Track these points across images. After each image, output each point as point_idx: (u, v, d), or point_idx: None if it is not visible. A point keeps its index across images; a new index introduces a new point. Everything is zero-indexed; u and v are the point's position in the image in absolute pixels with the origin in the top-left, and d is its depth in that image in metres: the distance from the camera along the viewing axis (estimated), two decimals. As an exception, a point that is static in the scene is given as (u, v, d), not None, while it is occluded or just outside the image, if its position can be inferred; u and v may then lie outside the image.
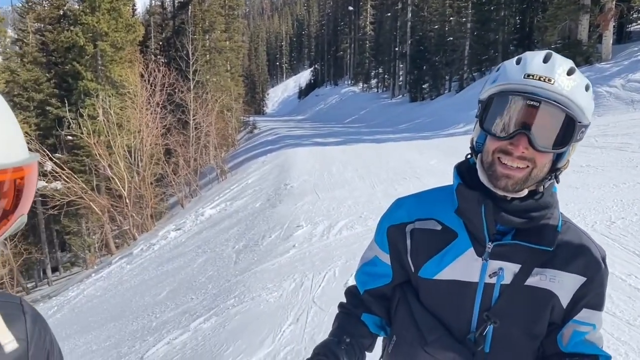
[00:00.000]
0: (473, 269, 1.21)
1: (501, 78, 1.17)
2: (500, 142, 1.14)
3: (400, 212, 1.36)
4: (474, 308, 1.22)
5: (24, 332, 0.82)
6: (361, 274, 1.47)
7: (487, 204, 1.16)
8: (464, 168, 1.29)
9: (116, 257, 14.18)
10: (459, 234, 1.24)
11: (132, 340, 6.01)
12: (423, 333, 1.26)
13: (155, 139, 20.53)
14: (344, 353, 1.32)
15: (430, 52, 37.52)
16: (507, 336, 1.22)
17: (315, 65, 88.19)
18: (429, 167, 11.02)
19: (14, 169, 0.65)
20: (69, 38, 23.74)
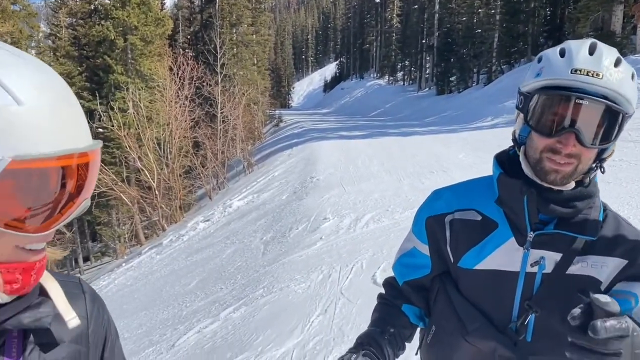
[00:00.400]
0: (514, 258, 1.22)
1: (546, 72, 1.14)
2: (548, 140, 1.13)
3: (439, 203, 1.36)
4: (515, 297, 1.22)
5: (84, 310, 0.87)
6: (399, 266, 1.48)
7: (530, 194, 1.16)
8: (504, 158, 1.28)
9: (146, 248, 14.50)
10: (499, 223, 1.24)
11: (163, 329, 6.17)
12: (464, 322, 1.26)
13: (184, 131, 20.83)
14: (387, 343, 1.33)
15: (457, 44, 37.05)
16: (549, 325, 1.21)
17: (341, 58, 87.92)
18: (457, 161, 10.93)
19: (80, 154, 0.69)
20: (100, 32, 24.21)
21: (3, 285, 0.69)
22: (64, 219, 0.71)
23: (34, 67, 0.68)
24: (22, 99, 0.64)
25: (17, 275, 0.70)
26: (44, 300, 0.77)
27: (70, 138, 0.68)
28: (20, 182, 0.65)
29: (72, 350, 0.82)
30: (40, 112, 0.65)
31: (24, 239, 0.68)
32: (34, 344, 0.77)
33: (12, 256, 0.69)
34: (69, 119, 0.69)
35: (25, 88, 0.64)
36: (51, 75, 0.70)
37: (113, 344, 0.93)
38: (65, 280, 0.85)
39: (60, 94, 0.69)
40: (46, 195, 0.68)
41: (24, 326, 0.73)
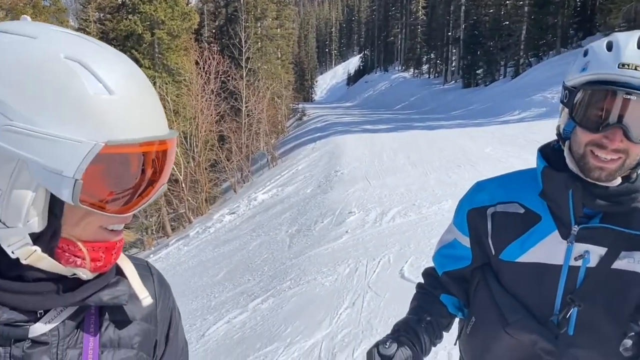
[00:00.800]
0: (557, 251, 1.21)
1: (592, 66, 1.13)
2: (593, 136, 1.12)
3: (482, 196, 1.36)
4: (557, 291, 1.22)
5: (153, 291, 0.91)
6: (440, 256, 1.49)
7: (576, 187, 1.15)
8: (548, 150, 1.28)
9: (173, 239, 14.75)
10: (542, 216, 1.24)
11: (193, 319, 6.28)
12: (504, 314, 1.26)
13: (210, 125, 21.04)
14: (424, 330, 1.35)
15: (484, 36, 36.52)
16: (591, 320, 1.21)
17: (365, 51, 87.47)
18: (484, 155, 10.81)
19: (159, 141, 0.74)
20: (127, 26, 24.53)
21: (90, 262, 0.74)
22: (144, 202, 0.76)
23: (119, 59, 0.73)
24: (112, 88, 0.68)
25: (101, 254, 0.75)
26: (120, 280, 0.82)
27: (152, 126, 0.73)
28: (109, 165, 0.70)
29: (143, 328, 0.87)
30: (127, 100, 0.70)
31: (107, 219, 0.73)
32: (109, 321, 0.83)
33: (96, 235, 0.74)
34: (151, 107, 0.74)
35: (114, 78, 0.69)
36: (134, 67, 0.75)
37: (177, 324, 0.98)
38: (136, 263, 0.90)
39: (144, 84, 0.74)
40: (129, 179, 0.73)
41: (103, 303, 0.78)
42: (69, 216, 0.71)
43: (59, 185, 0.66)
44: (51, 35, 0.70)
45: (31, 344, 0.73)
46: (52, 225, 0.70)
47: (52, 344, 0.75)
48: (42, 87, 0.65)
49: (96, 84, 0.67)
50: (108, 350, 0.81)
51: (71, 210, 0.70)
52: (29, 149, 0.64)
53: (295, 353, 4.07)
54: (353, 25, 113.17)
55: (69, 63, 0.67)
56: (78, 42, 0.71)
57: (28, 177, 0.66)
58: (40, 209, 0.68)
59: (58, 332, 0.76)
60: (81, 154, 0.65)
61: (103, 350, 0.80)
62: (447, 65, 46.44)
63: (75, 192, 0.66)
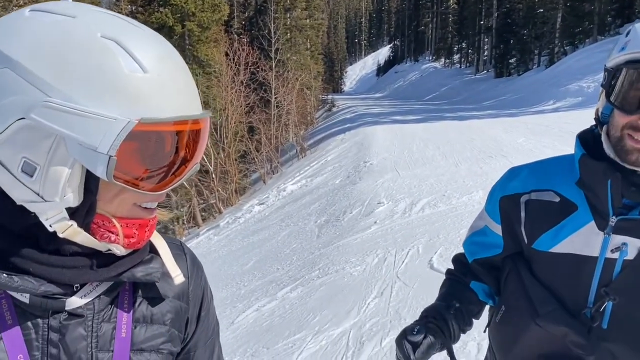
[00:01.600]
0: (593, 243, 1.17)
1: (632, 45, 1.09)
2: (630, 117, 1.07)
3: (515, 183, 1.32)
4: (591, 283, 1.18)
5: (185, 270, 0.93)
6: (470, 244, 1.47)
7: (615, 177, 1.11)
8: (588, 137, 1.23)
9: (204, 229, 14.98)
10: (579, 206, 1.20)
11: (223, 307, 6.38)
12: (535, 305, 1.23)
13: (239, 116, 21.23)
14: (452, 317, 1.33)
15: (518, 25, 35.60)
16: (626, 313, 1.16)
17: (395, 41, 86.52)
18: (516, 146, 10.60)
19: (193, 121, 0.75)
20: (159, 19, 24.86)
21: (123, 238, 0.76)
22: (177, 181, 0.77)
23: (154, 38, 0.74)
24: (147, 67, 0.69)
25: (134, 231, 0.77)
26: (153, 257, 0.84)
27: (186, 105, 0.74)
28: (143, 143, 0.71)
29: (175, 306, 0.89)
30: (162, 79, 0.71)
31: (141, 196, 0.75)
32: (143, 297, 0.85)
33: (130, 212, 0.76)
34: (185, 87, 0.75)
35: (149, 57, 0.70)
36: (169, 47, 0.76)
37: (209, 304, 1.00)
38: (169, 242, 0.92)
39: (178, 64, 0.75)
40: (162, 157, 0.75)
41: (137, 279, 0.80)
42: (103, 192, 0.73)
43: (94, 161, 0.67)
44: (89, 15, 0.71)
45: (67, 316, 0.76)
46: (87, 200, 0.72)
47: (88, 317, 0.77)
48: (79, 64, 0.67)
49: (131, 62, 0.68)
50: (141, 326, 0.83)
51: (106, 187, 0.72)
52: (66, 125, 0.66)
53: (324, 341, 4.09)
54: (383, 15, 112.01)
55: (105, 41, 0.68)
56: (115, 22, 0.72)
57: (65, 153, 0.67)
58: (76, 184, 0.70)
59: (93, 306, 0.78)
60: (115, 131, 0.66)
61: (136, 326, 0.83)
62: (479, 55, 45.52)
63: (109, 169, 0.67)
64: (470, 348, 3.34)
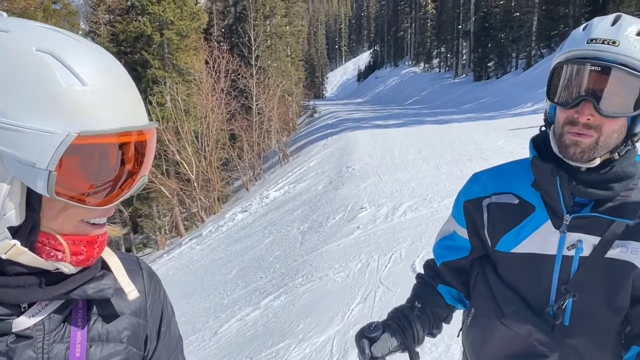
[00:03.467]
0: (551, 241, 1.20)
1: (566, 46, 1.15)
2: (567, 112, 1.12)
3: (477, 187, 1.36)
4: (552, 281, 1.21)
5: (142, 286, 0.91)
6: (439, 248, 1.49)
7: (561, 176, 1.15)
8: (539, 140, 1.27)
9: (186, 239, 14.83)
10: (536, 207, 1.24)
11: (206, 317, 6.31)
12: (500, 305, 1.26)
13: (221, 124, 21.13)
14: (416, 318, 1.35)
15: (495, 29, 36.10)
16: (587, 309, 1.20)
17: (375, 46, 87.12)
18: (496, 148, 10.71)
19: (138, 132, 0.73)
20: (137, 28, 24.71)
21: (70, 256, 0.73)
22: (124, 194, 0.75)
23: (94, 50, 0.73)
24: (86, 80, 0.68)
25: (82, 248, 0.74)
26: (106, 274, 0.81)
27: (128, 117, 0.72)
28: (85, 157, 0.70)
29: (132, 323, 0.87)
30: (101, 92, 0.69)
31: (87, 212, 0.73)
32: (97, 315, 0.82)
33: (77, 229, 0.74)
34: (127, 99, 0.73)
35: (88, 70, 0.69)
36: (110, 58, 0.75)
37: (169, 319, 0.97)
38: (124, 258, 0.90)
39: (119, 76, 0.74)
40: (107, 171, 0.73)
41: (89, 296, 0.77)
42: (47, 209, 0.70)
43: (33, 177, 0.65)
44: (24, 28, 0.69)
45: (15, 338, 0.72)
46: (30, 218, 0.69)
47: (37, 338, 0.74)
48: (14, 79, 0.65)
49: (69, 75, 0.67)
50: (96, 345, 0.80)
51: (50, 204, 0.70)
52: (2, 141, 0.64)
53: (307, 349, 4.06)
54: (362, 21, 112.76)
55: (41, 55, 0.67)
56: (52, 35, 0.70)
57: (2, 169, 0.66)
58: (17, 202, 0.68)
59: (43, 326, 0.75)
60: (54, 145, 0.65)
61: (91, 345, 0.80)
62: (458, 59, 46.04)
63: (50, 184, 0.66)
64: (454, 351, 3.34)
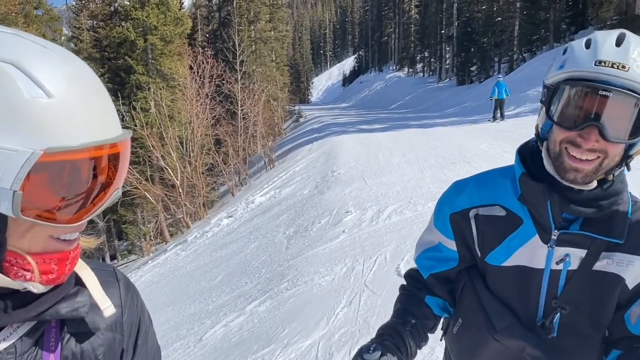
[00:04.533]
0: (539, 255, 1.20)
1: (570, 64, 1.10)
2: (568, 133, 1.08)
3: (462, 198, 1.33)
4: (540, 295, 1.21)
5: (118, 298, 0.87)
6: (425, 259, 1.45)
7: (553, 198, 1.14)
8: (527, 153, 1.25)
9: (171, 245, 14.71)
10: (524, 220, 1.22)
11: (191, 323, 6.26)
12: (492, 320, 1.25)
13: (205, 129, 21.04)
14: (409, 334, 1.32)
15: (477, 33, 36.54)
16: (573, 322, 1.20)
17: (359, 51, 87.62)
18: (479, 152, 10.80)
19: (110, 145, 0.68)
20: (120, 33, 24.57)
21: (39, 275, 0.68)
22: (97, 209, 0.71)
23: (62, 57, 0.67)
24: (51, 91, 0.63)
25: (53, 266, 0.70)
26: (80, 290, 0.77)
27: (100, 129, 0.67)
28: (53, 174, 0.65)
29: (107, 338, 0.83)
30: (70, 104, 0.64)
31: (57, 229, 0.69)
32: (71, 333, 0.78)
33: (46, 247, 0.69)
34: (98, 109, 0.68)
35: (54, 80, 0.64)
36: (79, 66, 0.69)
37: (147, 331, 0.94)
38: (100, 269, 0.86)
39: (90, 85, 0.69)
40: (78, 186, 0.68)
41: (62, 316, 0.73)
42: (13, 228, 0.66)
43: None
44: None
45: None
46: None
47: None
48: None
49: (33, 86, 0.62)
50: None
51: (16, 222, 0.65)
52: None
53: (293, 354, 4.05)
54: (347, 26, 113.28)
55: (1, 65, 0.62)
56: (15, 42, 0.65)
57: None
58: None
59: (15, 350, 0.71)
60: (17, 164, 0.61)
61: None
62: (441, 63, 46.47)
63: (14, 205, 0.62)
64: (438, 354, 3.36)
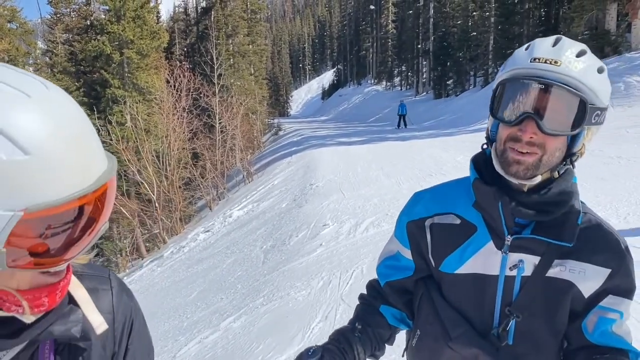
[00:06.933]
0: (493, 262, 1.20)
1: (509, 64, 1.17)
2: (510, 129, 1.13)
3: (419, 207, 1.35)
4: (495, 302, 1.21)
5: (110, 306, 0.86)
6: (383, 267, 1.46)
7: (504, 201, 1.15)
8: (480, 160, 1.27)
9: (147, 261, 14.46)
10: (478, 227, 1.23)
11: (165, 340, 6.12)
12: (447, 328, 1.24)
13: (183, 143, 20.85)
14: (357, 340, 1.31)
15: (453, 48, 37.12)
16: (529, 329, 1.20)
17: (338, 65, 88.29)
18: (455, 164, 10.91)
19: (94, 191, 0.65)
20: (96, 47, 24.34)
21: (30, 309, 0.67)
22: (85, 245, 0.68)
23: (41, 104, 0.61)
24: (28, 148, 0.58)
25: (43, 299, 0.68)
26: (72, 309, 0.75)
27: (81, 178, 0.63)
28: (36, 227, 0.62)
29: (98, 347, 0.83)
30: (49, 159, 0.60)
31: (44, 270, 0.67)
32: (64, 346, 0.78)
33: (35, 282, 0.67)
34: (80, 156, 0.64)
35: (31, 132, 0.59)
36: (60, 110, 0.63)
37: (139, 333, 0.93)
38: (93, 275, 0.85)
39: (71, 131, 0.63)
40: (65, 231, 0.65)
41: (55, 337, 0.72)
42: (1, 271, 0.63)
43: None
44: None
45: None
46: None
47: None
48: None
49: (7, 144, 0.57)
50: None
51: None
52: None
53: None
54: (325, 40, 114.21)
55: None
56: None
57: None
58: None
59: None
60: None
61: None
62: (418, 77, 47.06)
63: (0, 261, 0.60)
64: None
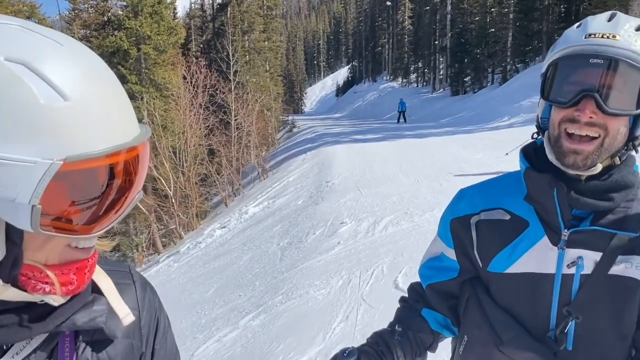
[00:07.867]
0: (548, 259, 1.10)
1: (560, 44, 1.07)
2: (565, 111, 1.03)
3: (463, 204, 1.26)
4: (552, 302, 1.11)
5: (135, 301, 0.83)
6: (425, 269, 1.38)
7: (560, 188, 1.05)
8: (531, 150, 1.18)
9: (163, 256, 14.51)
10: (530, 222, 1.13)
11: (182, 339, 6.09)
12: (497, 332, 1.15)
13: (199, 139, 20.90)
14: (397, 343, 1.25)
15: (471, 44, 36.78)
16: (591, 332, 1.10)
17: (353, 62, 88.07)
18: (475, 161, 10.77)
19: (127, 149, 0.63)
20: (113, 42, 24.45)
21: (60, 287, 0.65)
22: (119, 215, 0.66)
23: (76, 53, 0.61)
24: (68, 93, 0.57)
25: (72, 276, 0.66)
26: (97, 298, 0.73)
27: (119, 132, 0.62)
28: (72, 183, 0.60)
29: (125, 346, 0.78)
30: (88, 106, 0.59)
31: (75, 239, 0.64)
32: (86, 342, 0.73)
33: (64, 257, 0.65)
34: (117, 109, 0.63)
35: (70, 80, 0.58)
36: (96, 61, 0.63)
37: (165, 332, 0.90)
38: (115, 270, 0.82)
39: (107, 82, 0.63)
40: (98, 194, 0.62)
41: (79, 327, 0.69)
42: (30, 241, 0.61)
43: (13, 213, 0.56)
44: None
45: None
46: (11, 253, 0.60)
47: None
48: None
49: (47, 89, 0.56)
50: None
51: (32, 234, 0.60)
52: None
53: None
54: (340, 36, 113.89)
55: (11, 66, 0.55)
56: (21, 38, 0.58)
57: None
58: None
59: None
60: (36, 177, 0.55)
61: None
62: (435, 74, 46.71)
63: (33, 220, 0.56)
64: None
